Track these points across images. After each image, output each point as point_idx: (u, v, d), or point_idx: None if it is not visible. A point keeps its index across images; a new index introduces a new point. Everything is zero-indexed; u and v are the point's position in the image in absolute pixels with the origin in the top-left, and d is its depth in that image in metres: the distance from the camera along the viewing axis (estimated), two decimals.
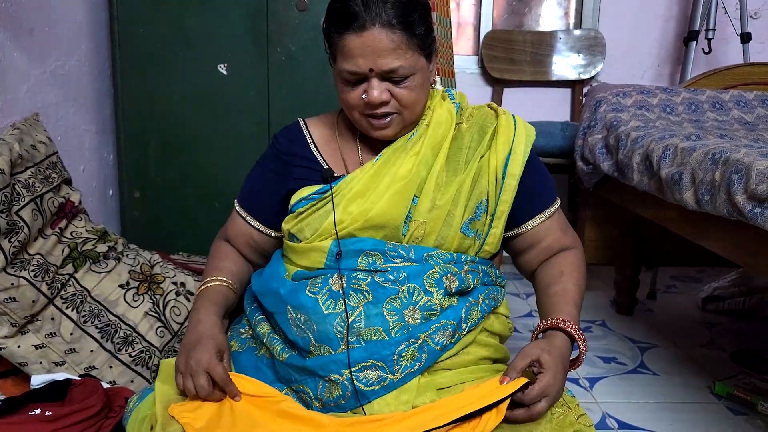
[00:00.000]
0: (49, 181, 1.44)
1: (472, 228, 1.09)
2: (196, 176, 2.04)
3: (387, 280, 1.03)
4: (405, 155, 1.10)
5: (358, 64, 1.02)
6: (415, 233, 1.07)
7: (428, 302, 1.03)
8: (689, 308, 2.20)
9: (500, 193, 1.10)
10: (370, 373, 0.98)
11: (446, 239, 1.07)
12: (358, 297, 1.03)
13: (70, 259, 1.40)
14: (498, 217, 1.10)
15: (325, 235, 1.08)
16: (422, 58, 1.06)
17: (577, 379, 1.61)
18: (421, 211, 1.07)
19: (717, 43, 2.62)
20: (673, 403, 1.49)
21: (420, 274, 1.04)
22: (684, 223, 1.47)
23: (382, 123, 1.07)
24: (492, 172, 1.10)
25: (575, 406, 1.03)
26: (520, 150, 1.11)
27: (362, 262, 1.05)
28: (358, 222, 1.05)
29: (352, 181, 1.09)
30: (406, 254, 1.06)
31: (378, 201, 1.06)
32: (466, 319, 1.05)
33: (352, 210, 1.06)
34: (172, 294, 1.49)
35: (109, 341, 1.36)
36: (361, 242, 1.06)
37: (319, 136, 1.19)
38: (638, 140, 1.62)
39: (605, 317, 2.07)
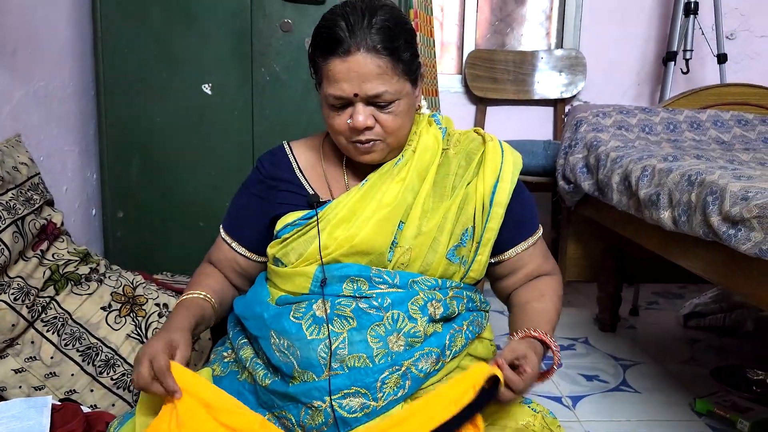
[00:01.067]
0: (30, 203, 1.43)
1: (457, 254, 1.09)
2: (180, 196, 2.03)
3: (371, 306, 1.03)
4: (391, 181, 1.10)
5: (343, 89, 1.02)
6: (400, 259, 1.07)
7: (412, 329, 1.02)
8: (671, 325, 2.22)
9: (487, 221, 1.10)
10: (353, 400, 0.97)
11: (431, 265, 1.07)
12: (342, 323, 1.02)
13: (52, 282, 1.39)
14: (484, 245, 1.11)
15: (310, 261, 1.07)
16: (407, 84, 1.06)
17: (560, 397, 1.62)
18: (406, 237, 1.07)
19: (694, 64, 2.67)
20: (655, 421, 1.50)
21: (404, 300, 1.04)
22: (662, 243, 1.49)
23: (366, 147, 1.07)
24: (479, 200, 1.10)
25: (557, 428, 1.04)
26: (507, 178, 1.12)
27: (347, 287, 1.05)
28: (343, 248, 1.05)
29: (337, 206, 1.09)
30: (391, 280, 1.06)
31: (363, 227, 1.05)
32: (450, 346, 1.05)
33: (338, 235, 1.06)
34: (154, 315, 1.48)
35: (91, 364, 1.35)
36: (346, 268, 1.06)
37: (305, 160, 1.18)
38: (617, 160, 1.65)
39: (588, 334, 2.09)
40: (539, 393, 1.64)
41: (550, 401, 1.60)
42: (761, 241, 1.05)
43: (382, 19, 1.02)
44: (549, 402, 1.59)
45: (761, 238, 1.05)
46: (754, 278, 1.14)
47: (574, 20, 2.86)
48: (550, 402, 1.59)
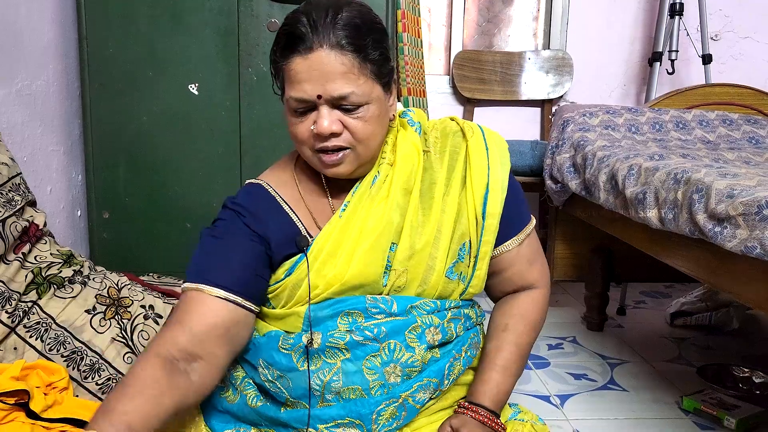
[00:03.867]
0: (12, 204, 1.41)
1: (456, 271, 1.03)
2: (166, 196, 2.02)
3: (366, 338, 0.96)
4: (371, 203, 1.00)
5: (305, 90, 0.92)
6: (396, 282, 1.00)
7: (410, 359, 0.97)
8: (658, 323, 2.23)
9: (482, 234, 1.03)
10: (347, 430, 0.95)
11: (428, 285, 1.01)
12: (335, 354, 0.97)
13: (34, 285, 1.37)
14: (482, 258, 1.04)
15: (301, 302, 0.99)
16: (377, 87, 0.96)
17: (548, 396, 1.62)
18: (399, 259, 0.99)
19: (680, 64, 2.69)
20: (642, 419, 1.50)
21: (401, 329, 0.97)
22: (649, 241, 1.50)
23: (333, 159, 0.96)
24: (471, 212, 1.03)
25: None
26: (497, 185, 1.03)
27: (342, 322, 0.97)
28: (333, 287, 0.97)
29: (321, 242, 0.99)
30: (389, 308, 0.98)
31: (352, 260, 0.97)
32: (449, 375, 1.01)
33: (327, 273, 0.98)
34: (140, 318, 1.46)
35: (75, 369, 1.33)
36: (339, 303, 0.98)
37: (287, 193, 1.05)
38: (604, 159, 1.66)
39: (576, 333, 2.10)
40: (528, 392, 1.64)
41: (538, 400, 1.60)
42: (746, 239, 1.06)
43: (347, 15, 0.93)
44: (537, 401, 1.59)
45: (746, 236, 1.06)
46: (740, 276, 1.15)
47: (561, 21, 2.87)
48: (538, 401, 1.59)
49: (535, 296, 1.11)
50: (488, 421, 0.97)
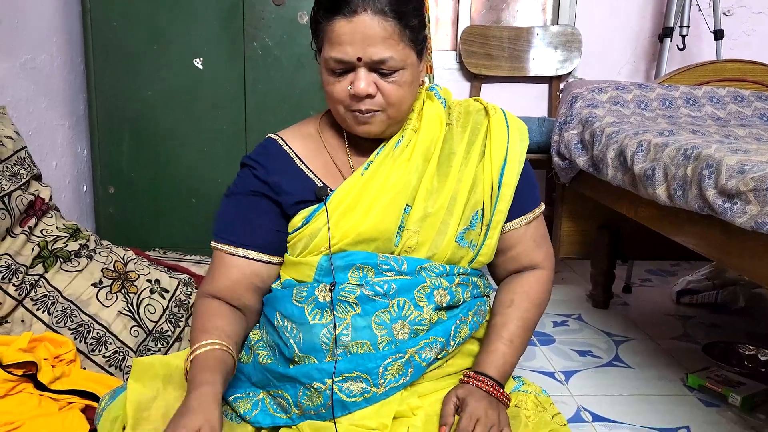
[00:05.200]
0: (17, 178, 1.41)
1: (466, 238, 1.06)
2: (171, 171, 2.01)
3: (377, 293, 1.00)
4: (393, 163, 1.05)
5: (346, 52, 0.96)
6: (407, 243, 1.03)
7: (418, 317, 1.00)
8: (664, 301, 2.23)
9: (496, 203, 1.06)
10: (353, 384, 0.96)
11: (439, 249, 1.04)
12: (346, 309, 1.00)
13: (41, 259, 1.37)
14: (494, 227, 1.07)
15: (315, 252, 1.03)
16: (413, 54, 1.01)
17: (553, 372, 1.63)
18: (413, 219, 1.03)
19: (691, 40, 2.65)
20: (647, 395, 1.51)
21: (411, 288, 1.01)
22: (657, 218, 1.48)
23: (365, 118, 1.02)
24: (488, 181, 1.07)
25: (550, 406, 1.03)
26: (515, 158, 1.08)
27: (353, 276, 1.01)
28: (349, 237, 1.01)
29: (341, 194, 1.04)
30: (399, 267, 1.02)
31: (369, 214, 1.02)
32: (455, 336, 1.03)
33: (343, 225, 1.02)
34: (146, 292, 1.47)
35: (82, 342, 1.34)
36: (351, 256, 1.02)
37: (303, 148, 1.11)
38: (613, 136, 1.64)
39: (581, 311, 2.09)
40: (533, 368, 1.65)
41: (543, 376, 1.60)
42: (757, 215, 1.05)
43: None
44: (542, 377, 1.59)
45: (757, 212, 1.05)
46: (749, 252, 1.14)
47: None
48: (542, 377, 1.60)
49: (540, 276, 1.13)
50: (493, 390, 0.98)
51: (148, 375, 1.05)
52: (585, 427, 1.35)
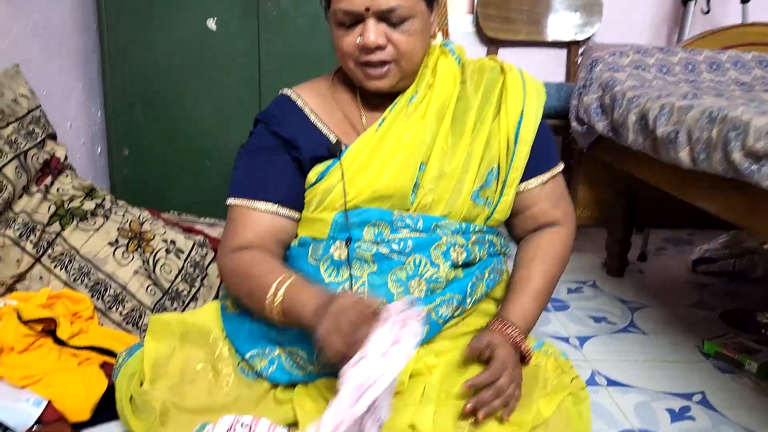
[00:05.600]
0: (32, 137, 1.40)
1: (482, 195, 1.06)
2: (185, 133, 2.00)
3: (393, 251, 1.00)
4: (407, 120, 1.05)
5: (353, 2, 0.96)
6: (422, 201, 1.03)
7: (434, 274, 1.00)
8: (680, 270, 2.20)
9: (512, 160, 1.06)
10: None
11: (455, 207, 1.04)
12: (362, 266, 1.00)
13: (57, 217, 1.38)
14: (510, 185, 1.07)
15: (330, 208, 1.04)
16: (422, 2, 1.00)
17: (567, 338, 1.62)
18: (428, 178, 1.03)
19: (716, 3, 2.57)
20: (662, 361, 1.50)
21: (427, 245, 1.01)
22: (678, 183, 1.46)
23: (378, 72, 1.01)
24: (503, 137, 1.06)
25: (569, 369, 1.03)
26: (531, 113, 1.07)
27: (368, 232, 1.02)
28: (365, 194, 1.01)
29: (355, 150, 1.04)
30: (414, 224, 1.02)
31: (384, 171, 1.02)
32: (472, 293, 1.03)
33: (358, 182, 1.02)
34: (162, 252, 1.47)
35: (100, 300, 1.35)
36: (366, 212, 1.02)
37: (317, 104, 1.10)
38: (634, 100, 1.60)
39: (596, 278, 2.08)
40: (547, 333, 1.64)
41: (557, 341, 1.60)
42: None
43: None
44: (556, 342, 1.59)
45: None
46: None
47: None
48: (557, 342, 1.59)
49: (560, 232, 1.13)
50: (519, 341, 0.98)
51: (165, 332, 1.06)
52: (599, 390, 1.35)
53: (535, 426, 0.92)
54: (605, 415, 1.26)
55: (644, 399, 1.33)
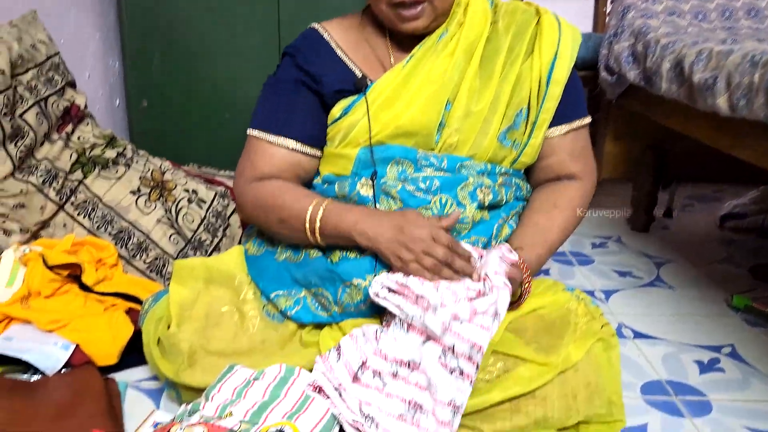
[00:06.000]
0: (52, 84, 1.39)
1: (509, 137, 1.03)
2: (204, 84, 1.97)
3: (418, 189, 0.99)
4: (436, 57, 1.02)
5: None
6: (448, 141, 1.01)
7: (460, 215, 0.99)
8: (706, 226, 2.16)
9: (543, 101, 1.03)
10: None
11: (480, 148, 1.02)
12: (388, 203, 0.99)
13: (79, 165, 1.37)
14: (539, 127, 1.04)
15: (354, 144, 1.02)
16: None
17: (593, 291, 1.60)
18: (454, 117, 1.00)
19: None
20: (690, 315, 1.48)
21: (453, 185, 1.00)
22: (714, 132, 1.41)
23: (412, 13, 0.98)
24: (535, 78, 1.03)
25: (599, 316, 1.02)
26: (566, 54, 1.03)
27: (391, 170, 1.01)
28: (388, 129, 0.99)
29: (381, 86, 1.02)
30: (438, 163, 1.00)
31: (409, 107, 1.00)
32: (497, 236, 1.02)
33: (383, 118, 1.00)
34: (184, 201, 1.46)
35: (123, 248, 1.35)
36: (390, 149, 1.01)
37: (344, 39, 1.08)
38: (669, 46, 1.54)
39: (621, 233, 2.05)
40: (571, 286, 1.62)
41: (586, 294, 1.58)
42: None
43: None
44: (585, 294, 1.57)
45: None
46: None
47: None
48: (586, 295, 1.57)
49: (579, 187, 1.10)
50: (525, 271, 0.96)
51: (189, 277, 1.05)
52: (626, 343, 1.33)
53: (565, 369, 0.91)
54: (633, 366, 1.24)
55: (672, 351, 1.31)
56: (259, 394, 0.88)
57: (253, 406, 0.86)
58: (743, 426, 1.07)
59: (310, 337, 1.00)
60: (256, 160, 1.05)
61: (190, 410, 0.87)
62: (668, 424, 1.07)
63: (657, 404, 1.13)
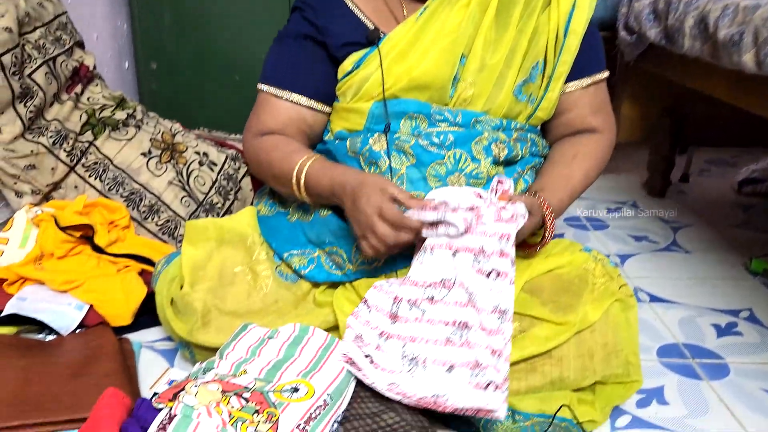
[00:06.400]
0: (60, 43, 1.36)
1: (525, 92, 1.01)
2: (214, 46, 1.94)
3: (432, 143, 0.97)
4: (451, 8, 0.99)
5: None
6: (462, 95, 0.98)
7: (474, 170, 0.97)
8: (724, 191, 2.12)
9: (560, 53, 0.99)
10: None
11: (495, 103, 0.99)
12: (401, 159, 0.97)
13: (89, 126, 1.35)
14: (556, 79, 1.01)
15: (366, 98, 1.00)
16: None
17: (608, 255, 1.58)
18: (469, 70, 0.98)
19: None
20: (707, 279, 1.46)
21: (468, 140, 0.97)
22: (738, 91, 1.37)
23: None
24: (552, 29, 1.00)
25: (617, 276, 1.00)
26: (584, 4, 1.00)
27: (405, 125, 0.98)
28: (402, 82, 0.97)
29: (395, 38, 0.99)
30: (453, 118, 0.98)
31: (423, 59, 0.97)
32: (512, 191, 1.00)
33: (396, 70, 0.97)
34: (195, 164, 1.45)
35: (135, 210, 1.34)
36: (403, 103, 0.98)
37: None
38: (692, 2, 1.49)
39: (636, 198, 2.02)
40: None
41: None
42: None
43: None
44: None
45: None
46: None
47: None
48: None
49: (599, 139, 1.08)
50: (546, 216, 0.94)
51: (201, 237, 1.05)
52: (642, 306, 1.32)
53: (582, 329, 0.90)
54: (649, 329, 1.23)
55: (689, 314, 1.29)
56: (274, 353, 0.87)
57: (268, 364, 0.85)
58: (760, 388, 1.06)
59: (323, 297, 1.00)
60: (260, 114, 1.04)
61: (204, 368, 0.87)
62: (685, 387, 1.06)
63: (674, 367, 1.12)
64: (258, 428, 0.74)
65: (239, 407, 0.76)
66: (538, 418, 0.88)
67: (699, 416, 0.99)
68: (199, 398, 0.76)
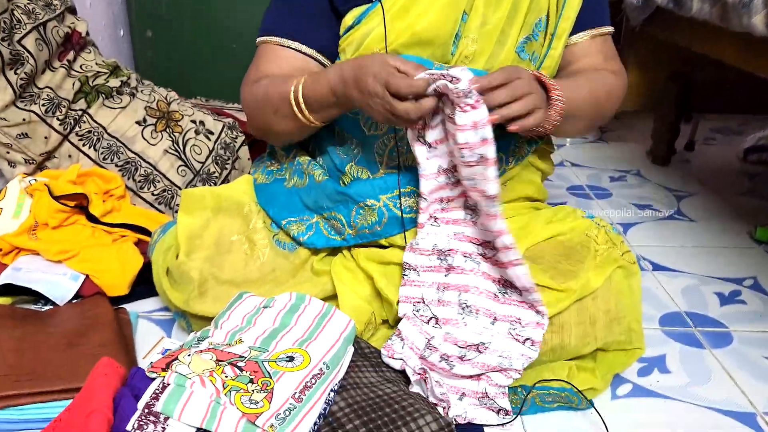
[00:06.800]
0: (51, 8, 1.33)
1: (528, 50, 0.98)
2: (211, 14, 1.90)
3: None
4: None
5: None
6: (464, 52, 0.95)
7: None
8: (729, 159, 2.09)
9: (563, 8, 0.96)
10: (408, 200, 0.93)
11: (498, 60, 0.96)
12: None
13: (82, 94, 1.32)
14: (559, 36, 0.98)
15: (367, 54, 0.96)
16: None
17: (612, 223, 1.56)
18: (471, 27, 0.94)
19: None
20: (711, 247, 1.44)
21: None
22: (746, 54, 1.33)
23: None
24: None
25: (620, 243, 0.98)
26: None
27: None
28: (404, 37, 0.93)
29: None
30: None
31: (425, 14, 0.93)
32: (515, 152, 0.99)
33: (398, 25, 0.94)
34: (191, 132, 1.42)
35: (131, 179, 1.32)
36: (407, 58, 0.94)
37: None
38: None
39: (640, 167, 1.99)
40: None
41: None
42: None
43: None
44: None
45: None
46: None
47: None
48: None
49: (613, 78, 1.01)
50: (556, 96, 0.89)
51: (197, 206, 1.03)
52: (645, 275, 1.30)
53: (584, 296, 0.88)
54: (652, 298, 1.22)
55: (692, 283, 1.28)
56: (270, 321, 0.86)
57: (263, 333, 0.84)
58: (763, 356, 1.05)
59: (321, 265, 0.98)
60: (261, 63, 0.99)
61: (199, 337, 0.86)
62: (687, 355, 1.05)
63: (676, 335, 1.10)
64: (252, 397, 0.73)
65: (233, 376, 0.75)
66: (538, 390, 0.87)
67: (701, 384, 0.98)
68: (192, 367, 0.75)
